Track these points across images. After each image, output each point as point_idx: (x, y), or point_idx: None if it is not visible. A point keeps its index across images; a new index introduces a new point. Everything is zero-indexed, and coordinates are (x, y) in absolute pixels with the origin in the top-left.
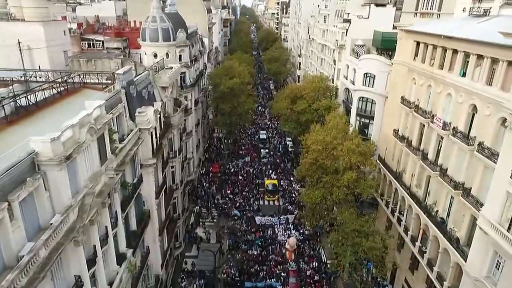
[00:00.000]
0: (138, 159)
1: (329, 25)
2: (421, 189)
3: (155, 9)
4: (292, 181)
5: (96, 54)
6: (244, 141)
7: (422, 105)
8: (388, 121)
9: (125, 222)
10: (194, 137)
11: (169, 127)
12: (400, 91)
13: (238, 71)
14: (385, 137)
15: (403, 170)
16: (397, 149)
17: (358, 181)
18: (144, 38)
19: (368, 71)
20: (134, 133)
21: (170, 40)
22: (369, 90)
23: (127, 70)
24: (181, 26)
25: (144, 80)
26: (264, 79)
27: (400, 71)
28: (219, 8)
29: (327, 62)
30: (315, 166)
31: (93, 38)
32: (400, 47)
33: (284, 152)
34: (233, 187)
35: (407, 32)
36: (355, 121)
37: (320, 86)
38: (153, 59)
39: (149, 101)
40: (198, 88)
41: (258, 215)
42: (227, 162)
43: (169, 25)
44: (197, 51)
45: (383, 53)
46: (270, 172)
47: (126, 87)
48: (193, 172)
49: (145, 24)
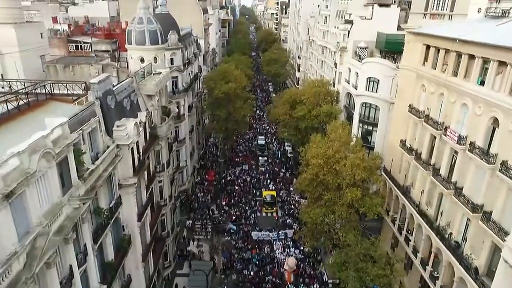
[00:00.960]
0: (116, 179)
1: (329, 26)
2: (432, 207)
3: (141, 9)
4: (291, 191)
5: (74, 59)
6: (242, 147)
7: (433, 115)
8: (394, 130)
9: (99, 253)
10: (188, 145)
11: (155, 138)
12: (407, 98)
13: (234, 75)
14: (391, 148)
15: (411, 184)
16: (404, 162)
17: (363, 199)
18: (130, 41)
19: (371, 75)
20: (110, 150)
21: (158, 43)
22: (372, 96)
23: (104, 79)
24: (173, 28)
25: (127, 89)
26: (263, 81)
27: (408, 77)
28: (216, 8)
29: (327, 64)
30: (316, 182)
31: (80, 40)
32: (408, 51)
33: (283, 159)
34: (229, 198)
35: (416, 34)
36: (358, 128)
37: (321, 91)
38: (140, 64)
39: (131, 111)
40: (192, 92)
41: (255, 230)
42: (223, 170)
43: (157, 27)
44: (191, 54)
45: (388, 56)
46: (268, 182)
47: (102, 98)
48: (187, 181)
49: (131, 25)
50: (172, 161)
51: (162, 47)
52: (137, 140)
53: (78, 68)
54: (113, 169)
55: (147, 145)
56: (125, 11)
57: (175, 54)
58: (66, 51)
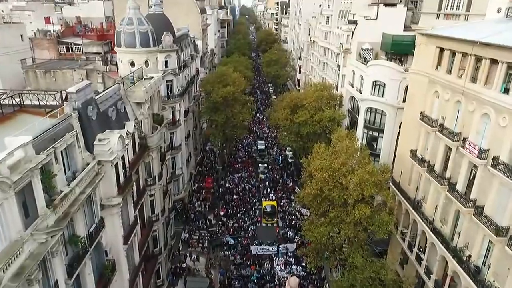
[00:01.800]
0: (97, 200)
1: (332, 26)
2: (448, 225)
3: (131, 9)
4: (292, 200)
5: (58, 63)
6: (241, 153)
7: (449, 124)
8: (403, 139)
9: (76, 286)
10: (184, 151)
11: (146, 150)
12: (419, 105)
13: (233, 78)
14: (400, 157)
15: (422, 198)
16: (415, 173)
17: (372, 217)
18: (119, 43)
19: (377, 79)
20: (89, 168)
21: (150, 46)
22: (378, 100)
23: (83, 87)
24: (167, 29)
25: (113, 96)
26: (263, 82)
27: (419, 82)
28: (215, 8)
29: (330, 66)
30: (320, 198)
31: (71, 42)
32: (419, 54)
33: (284, 165)
34: (227, 208)
35: (428, 36)
36: (362, 134)
37: (323, 95)
38: (130, 68)
39: (118, 121)
40: (189, 96)
41: (254, 243)
42: (221, 177)
43: (149, 28)
44: (187, 56)
45: (394, 58)
46: (269, 190)
47: (81, 109)
48: (183, 190)
49: (120, 27)
50: (166, 170)
51: (154, 49)
52: (123, 154)
53: (60, 73)
54: (94, 189)
55: (136, 158)
56: (120, 11)
57: (170, 57)
58: (56, 53)
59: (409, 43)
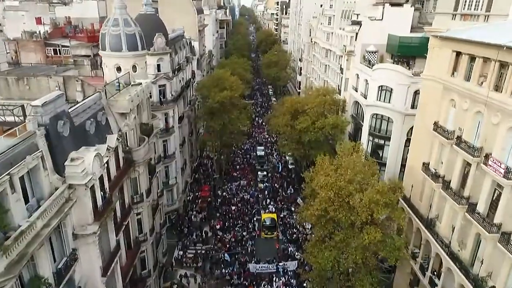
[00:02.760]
0: (69, 230)
1: (334, 27)
2: (467, 250)
3: (117, 9)
4: (293, 211)
5: (32, 69)
6: (239, 159)
7: (467, 137)
8: (414, 150)
9: None
10: (179, 159)
11: (131, 165)
12: (432, 114)
13: (230, 81)
14: (410, 170)
15: (436, 217)
16: (428, 188)
17: (383, 241)
18: (103, 46)
19: (383, 84)
20: (57, 195)
21: (138, 49)
22: (385, 106)
23: (52, 99)
24: (160, 30)
25: (92, 107)
26: (263, 84)
27: (432, 89)
28: (214, 8)
29: (332, 69)
30: (325, 219)
31: (59, 44)
32: (432, 58)
33: (284, 173)
34: (224, 220)
35: (444, 39)
36: (367, 141)
37: (326, 100)
38: (116, 73)
39: (98, 135)
40: (184, 100)
41: (252, 261)
42: (218, 186)
43: (136, 30)
44: (182, 58)
45: (401, 61)
46: (268, 201)
47: (49, 125)
48: (177, 200)
49: (104, 28)
50: (157, 183)
51: (143, 53)
52: (101, 173)
53: (35, 81)
54: (63, 218)
55: (119, 174)
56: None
57: (163, 60)
58: (43, 56)
59: (417, 45)
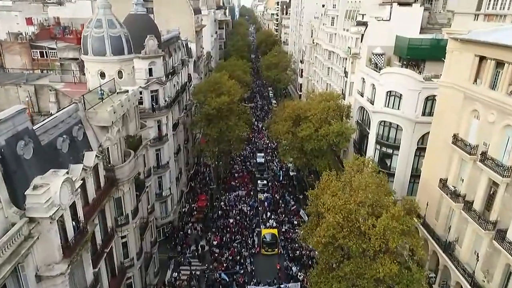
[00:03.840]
0: (30, 272)
1: (338, 28)
2: (494, 282)
3: (100, 9)
4: (295, 225)
5: (1, 76)
6: (238, 167)
7: (494, 153)
8: (430, 163)
9: None
10: (173, 168)
11: (114, 184)
12: (450, 125)
13: (228, 86)
14: (425, 185)
15: (456, 240)
16: (445, 207)
17: (399, 274)
18: (85, 50)
19: (392, 89)
20: (13, 232)
21: (124, 53)
22: (393, 113)
23: (10, 116)
24: (151, 32)
25: (65, 121)
26: (263, 85)
27: (451, 97)
28: (212, 8)
29: (335, 72)
30: (332, 247)
31: (45, 46)
32: (451, 63)
33: (285, 182)
34: (222, 235)
35: (465, 42)
36: (374, 150)
37: (330, 106)
38: (99, 80)
39: (73, 153)
40: (179, 106)
41: (251, 283)
42: (215, 197)
43: (122, 32)
44: (177, 61)
45: (410, 64)
46: (269, 215)
47: (5, 147)
48: (172, 212)
49: (86, 30)
50: (147, 197)
51: (130, 57)
52: (73, 200)
53: (2, 90)
54: (21, 260)
55: (100, 195)
56: None
57: (155, 63)
58: (29, 59)
59: (428, 48)
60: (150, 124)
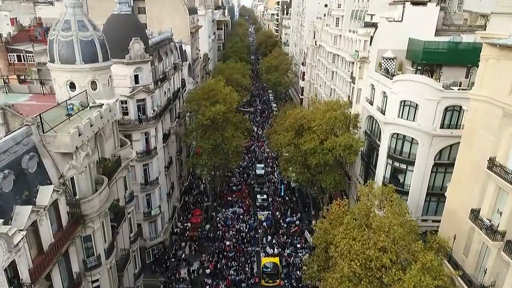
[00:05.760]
0: None
1: (343, 29)
2: None
3: (69, 8)
4: (298, 248)
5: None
6: (235, 179)
7: None
8: (457, 189)
9: None
10: (164, 184)
11: (80, 221)
12: (484, 147)
13: (224, 93)
14: (450, 214)
15: (492, 285)
16: (477, 243)
17: None
18: (52, 57)
19: (407, 98)
20: None
21: (97, 60)
22: (408, 125)
23: None
24: (137, 34)
25: (10, 150)
26: (262, 88)
27: (485, 114)
28: (210, 8)
29: (340, 76)
30: None
31: (22, 49)
32: (487, 73)
33: (287, 198)
34: (217, 261)
35: (505, 48)
36: (385, 164)
37: (336, 116)
38: (69, 92)
39: (21, 191)
40: (170, 114)
41: None
42: (210, 214)
43: (96, 35)
44: (169, 65)
45: (425, 70)
46: (270, 238)
47: None
48: (162, 231)
49: (52, 33)
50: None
51: (105, 65)
52: (13, 259)
53: None
54: None
55: (59, 239)
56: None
57: (141, 70)
58: (5, 63)
59: (445, 52)
60: (136, 137)
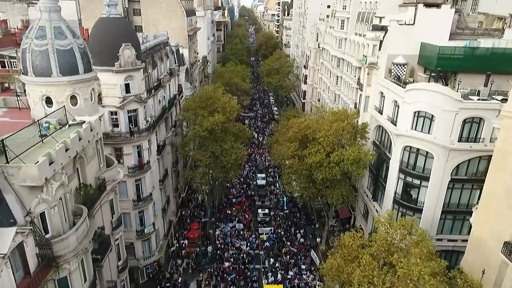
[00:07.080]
0: None
1: (348, 32)
2: None
3: (44, 13)
4: (303, 269)
5: None
6: (235, 191)
7: None
8: (486, 217)
9: None
10: (158, 200)
11: (52, 264)
12: None
13: (222, 102)
14: (477, 243)
15: None
16: (510, 280)
17: None
18: (24, 69)
19: (421, 109)
20: None
21: (78, 72)
22: (423, 138)
23: None
24: (128, 39)
25: None
26: (263, 91)
27: None
28: (209, 9)
29: (346, 82)
30: None
31: (6, 55)
32: None
33: (290, 213)
34: (216, 285)
35: None
36: (397, 179)
37: (344, 127)
38: (45, 108)
39: None
40: (166, 124)
41: None
42: (208, 230)
43: (76, 44)
44: (164, 72)
45: (439, 77)
46: (272, 261)
47: None
48: (157, 250)
49: (25, 41)
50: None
51: (87, 77)
52: None
53: None
54: None
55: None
56: (88, 12)
57: (132, 78)
58: None
59: (461, 58)
60: (127, 151)
